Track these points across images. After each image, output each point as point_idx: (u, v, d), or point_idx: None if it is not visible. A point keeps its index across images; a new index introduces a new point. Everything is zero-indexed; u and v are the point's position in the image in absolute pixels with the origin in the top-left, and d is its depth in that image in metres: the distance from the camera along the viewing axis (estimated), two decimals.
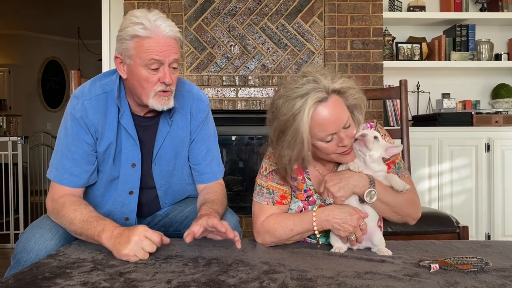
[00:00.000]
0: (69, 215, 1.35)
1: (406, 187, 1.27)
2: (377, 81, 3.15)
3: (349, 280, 1.01)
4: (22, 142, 4.19)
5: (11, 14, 6.81)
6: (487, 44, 3.50)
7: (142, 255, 1.20)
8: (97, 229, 1.28)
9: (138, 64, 1.35)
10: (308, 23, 3.12)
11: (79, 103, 1.43)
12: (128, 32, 1.33)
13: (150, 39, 1.32)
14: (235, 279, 1.03)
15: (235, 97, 3.11)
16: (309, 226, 1.30)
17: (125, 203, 1.52)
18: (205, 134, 1.59)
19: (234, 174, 3.54)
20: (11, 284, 1.02)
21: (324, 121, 1.22)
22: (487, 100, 3.73)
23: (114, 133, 1.45)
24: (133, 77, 1.38)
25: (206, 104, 1.60)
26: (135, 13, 1.35)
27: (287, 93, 1.24)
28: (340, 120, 1.24)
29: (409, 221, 1.36)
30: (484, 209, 3.21)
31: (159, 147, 1.52)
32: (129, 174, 1.50)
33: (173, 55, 1.36)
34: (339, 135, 1.25)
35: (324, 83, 1.22)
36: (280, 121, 1.24)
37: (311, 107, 1.20)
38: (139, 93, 1.39)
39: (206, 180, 1.61)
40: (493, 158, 3.20)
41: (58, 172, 1.45)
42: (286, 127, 1.23)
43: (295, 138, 1.23)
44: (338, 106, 1.25)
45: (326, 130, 1.24)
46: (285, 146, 1.26)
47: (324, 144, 1.27)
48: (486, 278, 1.02)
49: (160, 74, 1.36)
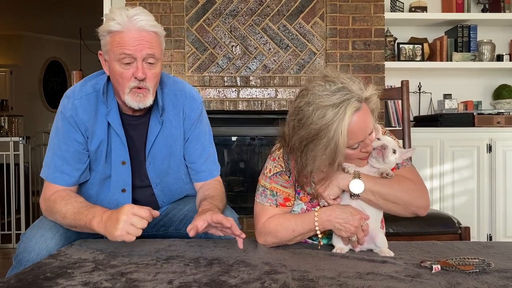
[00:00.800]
0: (61, 209, 1.37)
1: (388, 172, 1.26)
2: (379, 81, 3.15)
3: (351, 281, 1.01)
4: (23, 142, 4.19)
5: (12, 14, 6.82)
6: (489, 44, 3.50)
7: (134, 232, 1.20)
8: (88, 217, 1.29)
9: (112, 59, 1.36)
10: (309, 24, 3.12)
11: (69, 102, 1.44)
12: (104, 28, 1.35)
13: (122, 33, 1.32)
14: (236, 279, 1.03)
15: (236, 98, 3.11)
16: (311, 226, 1.30)
17: (119, 202, 1.52)
18: (200, 133, 1.59)
19: (235, 175, 3.54)
20: (13, 284, 1.02)
21: (357, 129, 1.20)
22: (488, 101, 3.72)
23: (105, 131, 1.46)
24: (111, 73, 1.40)
25: (199, 102, 1.59)
26: (114, 11, 1.36)
27: (318, 100, 1.19)
28: (369, 128, 1.24)
29: (416, 211, 1.30)
30: (486, 210, 3.20)
31: (150, 146, 1.51)
32: (120, 172, 1.50)
33: (147, 49, 1.33)
34: (365, 142, 1.25)
35: (356, 91, 1.20)
36: (311, 129, 1.19)
37: (349, 117, 1.17)
38: (118, 90, 1.40)
39: (203, 178, 1.61)
40: (495, 159, 3.20)
41: (49, 170, 1.46)
42: (317, 136, 1.19)
43: (327, 147, 1.19)
44: (367, 114, 1.23)
45: (357, 138, 1.22)
46: (313, 155, 1.21)
47: (350, 151, 1.26)
48: (488, 279, 1.02)
49: (133, 69, 1.35)
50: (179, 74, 3.07)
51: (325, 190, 1.28)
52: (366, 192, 1.26)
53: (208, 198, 1.46)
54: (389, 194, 1.27)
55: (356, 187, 1.25)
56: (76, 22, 6.84)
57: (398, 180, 1.29)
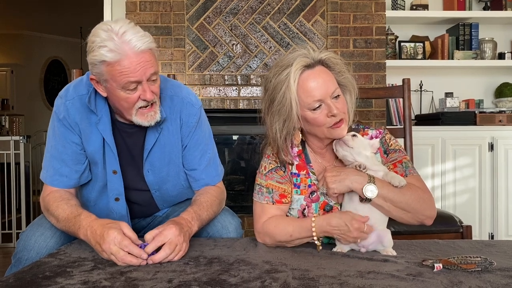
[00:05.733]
0: (54, 213, 1.36)
1: (402, 183, 1.24)
2: (380, 80, 3.14)
3: (352, 280, 1.00)
4: (24, 141, 4.19)
5: (13, 14, 6.81)
6: (490, 43, 3.49)
7: (121, 256, 1.15)
8: (75, 226, 1.28)
9: (115, 87, 1.29)
10: (310, 22, 3.11)
11: (62, 103, 1.41)
12: (96, 58, 1.25)
13: (121, 61, 1.23)
14: (236, 278, 1.03)
15: (237, 96, 3.11)
16: (308, 234, 1.28)
17: (113, 210, 1.50)
18: (198, 139, 1.52)
19: (236, 174, 3.53)
20: (12, 283, 1.01)
21: (310, 86, 1.27)
22: (490, 99, 3.71)
23: (99, 138, 1.42)
24: (112, 97, 1.33)
25: (197, 107, 1.51)
26: (99, 33, 1.24)
27: (277, 65, 1.32)
28: (327, 88, 1.28)
29: (423, 220, 1.30)
30: (488, 209, 3.19)
31: (147, 154, 1.47)
32: (112, 181, 1.46)
33: (149, 69, 1.27)
34: (327, 102, 1.27)
35: (311, 52, 1.30)
36: (270, 90, 1.32)
37: (296, 71, 1.27)
38: (121, 111, 1.36)
39: (202, 186, 1.54)
40: (497, 157, 3.18)
41: (48, 173, 1.44)
42: (275, 94, 1.30)
43: (283, 103, 1.28)
44: (325, 74, 1.30)
45: (313, 96, 1.27)
46: (275, 113, 1.31)
47: (313, 114, 1.29)
48: (491, 278, 1.01)
49: (140, 92, 1.29)
50: (179, 73, 3.07)
51: (333, 182, 1.26)
52: (378, 197, 1.24)
53: (194, 205, 1.41)
54: (401, 202, 1.25)
55: (370, 192, 1.23)
56: (77, 21, 6.83)
57: (410, 187, 1.27)
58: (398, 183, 1.24)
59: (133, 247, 1.16)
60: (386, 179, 1.27)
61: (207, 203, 1.44)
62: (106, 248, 1.16)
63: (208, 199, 1.46)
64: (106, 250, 1.16)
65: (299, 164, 1.40)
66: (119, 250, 1.15)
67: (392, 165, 1.35)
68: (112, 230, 1.18)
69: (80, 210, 1.32)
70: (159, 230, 1.21)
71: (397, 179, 1.25)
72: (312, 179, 1.38)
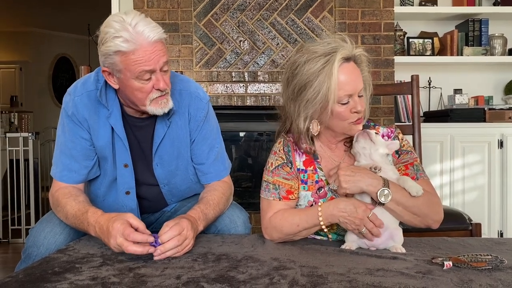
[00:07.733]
0: (62, 209, 1.37)
1: (420, 192, 1.23)
2: (388, 76, 3.12)
3: (361, 277, 1.00)
4: (33, 138, 4.23)
5: (22, 11, 6.85)
6: (500, 39, 3.44)
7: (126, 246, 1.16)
8: (84, 224, 1.29)
9: (129, 77, 1.30)
10: (318, 18, 3.10)
11: (70, 99, 1.42)
12: (111, 48, 1.26)
13: (136, 51, 1.26)
14: (245, 275, 1.02)
15: (244, 93, 3.10)
16: (315, 221, 1.28)
17: (124, 204, 1.51)
18: (206, 133, 1.53)
19: (243, 171, 3.53)
20: (21, 278, 1.02)
21: (346, 79, 1.26)
22: (500, 96, 3.67)
23: (109, 133, 1.43)
24: (126, 89, 1.34)
25: (205, 102, 1.52)
26: (113, 25, 1.26)
27: (312, 49, 1.29)
28: (358, 83, 1.29)
29: (431, 224, 1.29)
30: (497, 206, 3.16)
31: (157, 147, 1.48)
32: (123, 174, 1.48)
33: (163, 58, 1.30)
34: (354, 98, 1.28)
35: (349, 45, 1.29)
36: (303, 75, 1.28)
37: (339, 61, 1.25)
38: (134, 102, 1.37)
39: (210, 180, 1.56)
40: (506, 154, 3.15)
41: (58, 169, 1.46)
42: (309, 83, 1.27)
43: (319, 91, 1.26)
44: (357, 70, 1.30)
45: (345, 90, 1.26)
46: (306, 101, 1.29)
47: (339, 107, 1.28)
48: (502, 276, 1.00)
49: (154, 82, 1.31)
50: (187, 69, 3.07)
51: (347, 182, 1.24)
52: (391, 202, 1.23)
53: (201, 203, 1.42)
54: (413, 206, 1.25)
55: (384, 197, 1.22)
56: (85, 18, 6.86)
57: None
58: (416, 193, 1.23)
59: (136, 235, 1.15)
60: (402, 185, 1.25)
61: (214, 202, 1.45)
62: (113, 242, 1.17)
63: (215, 197, 1.47)
64: (113, 243, 1.17)
65: (307, 160, 1.39)
66: (123, 241, 1.15)
67: (404, 167, 1.34)
68: (116, 222, 1.18)
69: (87, 207, 1.33)
70: (175, 222, 1.23)
71: (415, 189, 1.23)
72: (319, 175, 1.38)
